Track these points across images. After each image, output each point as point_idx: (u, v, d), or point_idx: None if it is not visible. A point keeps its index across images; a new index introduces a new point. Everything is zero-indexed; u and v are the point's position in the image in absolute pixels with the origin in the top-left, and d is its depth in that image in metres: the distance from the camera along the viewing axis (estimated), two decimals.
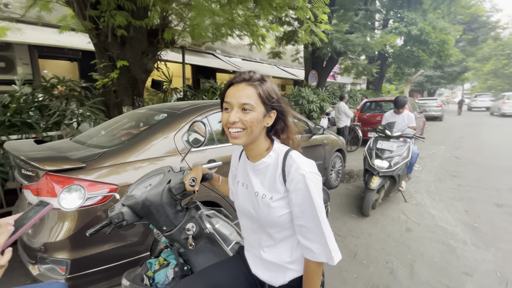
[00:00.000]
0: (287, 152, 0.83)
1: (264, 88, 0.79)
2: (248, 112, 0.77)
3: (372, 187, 3.08)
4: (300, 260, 0.87)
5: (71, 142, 2.23)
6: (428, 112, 14.24)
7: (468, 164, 5.49)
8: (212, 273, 1.01)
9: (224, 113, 0.81)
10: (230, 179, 1.12)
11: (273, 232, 0.86)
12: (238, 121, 0.77)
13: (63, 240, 1.50)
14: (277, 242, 0.88)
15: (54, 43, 5.84)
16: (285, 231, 0.85)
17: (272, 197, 0.82)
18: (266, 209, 0.83)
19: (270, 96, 0.80)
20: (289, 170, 0.79)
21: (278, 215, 0.81)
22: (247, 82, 0.79)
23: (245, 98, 0.77)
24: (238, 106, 0.78)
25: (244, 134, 0.79)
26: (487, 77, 40.11)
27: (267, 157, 0.85)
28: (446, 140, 8.54)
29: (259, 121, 0.79)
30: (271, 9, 4.62)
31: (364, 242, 2.60)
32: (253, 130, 0.79)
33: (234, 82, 0.81)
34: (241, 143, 0.81)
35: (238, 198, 0.95)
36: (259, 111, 0.78)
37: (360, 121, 7.69)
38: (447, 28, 11.05)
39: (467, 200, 3.63)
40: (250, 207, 0.89)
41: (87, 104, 3.69)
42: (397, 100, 3.78)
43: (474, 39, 22.52)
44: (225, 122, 0.80)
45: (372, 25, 11.21)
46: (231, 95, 0.79)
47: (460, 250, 2.44)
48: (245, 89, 0.78)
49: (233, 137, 0.80)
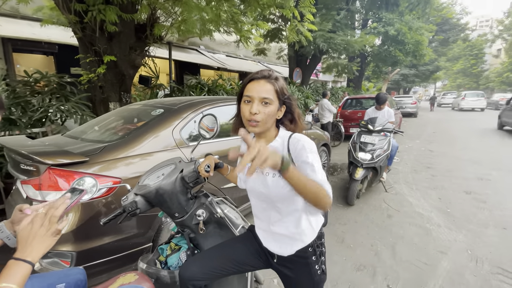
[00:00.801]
0: (291, 135, 0.97)
1: (279, 85, 0.93)
2: (267, 106, 0.90)
3: (357, 177, 3.29)
4: (305, 232, 0.99)
5: (64, 137, 2.21)
6: (404, 109, 14.98)
7: (440, 157, 5.93)
8: (228, 247, 1.13)
9: (244, 105, 0.93)
10: None
11: (282, 206, 0.98)
12: (259, 113, 0.90)
13: (68, 232, 1.53)
14: (284, 216, 0.99)
15: (30, 36, 5.56)
16: (292, 205, 0.97)
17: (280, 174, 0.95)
18: (276, 186, 0.94)
19: (283, 92, 0.94)
20: (293, 147, 0.93)
21: (288, 189, 0.93)
22: (266, 79, 0.92)
23: (265, 93, 0.90)
24: (259, 100, 0.90)
25: (261, 124, 0.92)
26: (456, 76, 42.73)
27: (274, 141, 0.99)
28: (420, 135, 9.10)
29: (274, 114, 0.93)
30: (258, 7, 4.70)
31: (351, 228, 2.80)
32: (268, 121, 0.92)
33: (255, 78, 0.93)
34: (258, 131, 0.94)
35: (249, 181, 1.06)
36: (275, 105, 0.92)
37: (342, 117, 7.98)
38: (422, 27, 11.69)
39: (440, 188, 3.96)
40: (261, 187, 0.99)
41: (73, 100, 3.60)
42: (378, 97, 4.02)
43: (445, 39, 23.91)
44: (246, 112, 0.92)
45: (352, 25, 11.61)
46: (253, 89, 0.91)
47: (435, 232, 2.70)
48: (265, 85, 0.91)
49: (252, 126, 0.92)
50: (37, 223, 0.67)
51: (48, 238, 0.67)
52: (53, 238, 0.69)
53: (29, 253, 0.65)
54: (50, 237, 0.68)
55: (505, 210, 3.17)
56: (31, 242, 0.65)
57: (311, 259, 1.02)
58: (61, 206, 0.71)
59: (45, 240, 0.67)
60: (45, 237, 0.67)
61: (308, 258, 1.01)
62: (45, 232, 0.67)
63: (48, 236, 0.67)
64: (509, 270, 2.11)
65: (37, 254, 0.66)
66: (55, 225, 0.68)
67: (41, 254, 0.67)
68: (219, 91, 5.74)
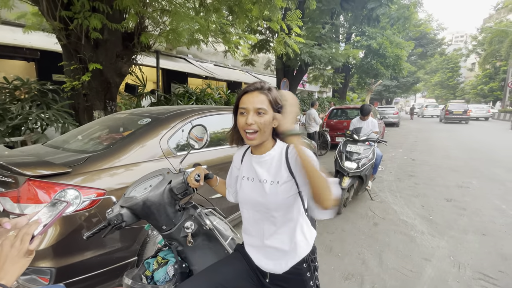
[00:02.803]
0: (289, 145, 0.99)
1: (273, 95, 0.95)
2: (262, 116, 0.92)
3: (343, 186, 3.35)
4: (300, 244, 0.99)
5: (44, 147, 2.13)
6: (387, 119, 15.50)
7: (422, 165, 6.15)
8: (215, 272, 1.07)
9: (240, 117, 0.95)
10: (230, 180, 1.21)
11: (278, 215, 0.97)
12: (254, 123, 0.92)
13: (48, 247, 1.45)
14: (279, 227, 0.98)
15: (11, 42, 5.38)
16: (288, 214, 0.98)
17: (278, 181, 0.95)
18: (274, 193, 0.95)
19: (276, 102, 0.96)
20: (291, 155, 0.95)
21: (285, 197, 0.94)
22: (259, 90, 0.95)
23: (259, 103, 0.92)
24: (253, 111, 0.92)
25: (259, 135, 0.94)
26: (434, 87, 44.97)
27: (272, 150, 1.00)
28: (403, 144, 9.42)
29: (270, 123, 0.95)
30: (246, 19, 4.80)
31: (338, 237, 2.82)
32: (265, 131, 0.94)
33: (248, 91, 0.95)
34: (256, 143, 0.96)
35: (243, 191, 1.05)
36: (270, 115, 0.94)
37: (328, 127, 8.14)
38: (402, 43, 12.30)
39: (422, 196, 4.09)
40: (258, 196, 0.99)
41: (55, 107, 3.48)
42: (363, 108, 4.16)
43: (424, 53, 25.20)
44: (242, 124, 0.94)
45: (337, 38, 12.04)
46: (247, 101, 0.94)
47: (419, 240, 2.77)
48: (258, 96, 0.93)
49: (250, 139, 0.94)
50: (7, 244, 0.64)
51: (21, 259, 0.64)
52: (26, 259, 0.65)
53: (3, 276, 0.61)
54: (22, 258, 0.64)
55: (484, 217, 3.31)
56: (2, 264, 0.62)
57: (306, 276, 1.00)
58: (33, 225, 0.68)
59: (17, 261, 0.63)
60: (17, 258, 0.63)
61: (303, 274, 1.00)
62: (17, 253, 0.64)
63: (20, 257, 0.64)
64: (490, 275, 2.18)
65: (11, 277, 0.62)
66: (26, 245, 0.65)
67: (16, 276, 0.64)
68: (208, 100, 5.74)
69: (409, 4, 11.68)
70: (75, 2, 3.06)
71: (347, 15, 10.57)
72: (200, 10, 4.51)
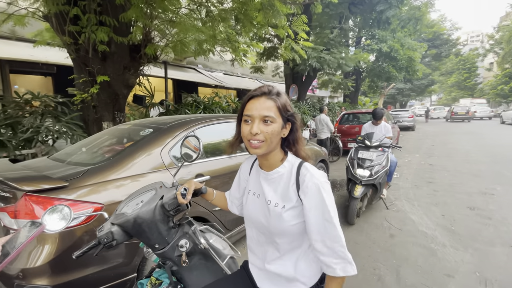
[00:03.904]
0: (301, 163, 0.87)
1: (282, 101, 0.84)
2: (269, 124, 0.81)
3: (356, 195, 3.18)
4: (305, 274, 0.88)
5: (49, 160, 2.12)
6: (401, 123, 15.06)
7: (441, 171, 5.83)
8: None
9: (244, 125, 0.84)
10: (236, 191, 1.13)
11: (282, 242, 0.87)
12: (260, 133, 0.81)
13: (44, 265, 1.40)
14: (283, 254, 0.88)
15: (27, 57, 5.61)
16: (293, 242, 0.86)
17: (284, 206, 0.84)
18: (278, 218, 0.84)
19: (286, 109, 0.85)
20: (303, 179, 0.82)
21: (290, 224, 0.83)
22: (267, 95, 0.83)
23: (266, 110, 0.81)
24: (259, 119, 0.82)
25: (264, 145, 0.83)
26: (451, 89, 43.48)
27: (281, 167, 0.89)
28: (419, 149, 9.04)
29: (278, 133, 0.84)
30: (252, 27, 4.79)
31: (351, 251, 2.61)
32: (272, 141, 0.83)
33: (254, 96, 0.84)
34: (261, 152, 0.84)
35: (248, 207, 0.96)
36: (278, 123, 0.83)
37: (340, 132, 7.96)
38: (414, 45, 11.99)
39: (442, 204, 3.83)
40: (261, 216, 0.90)
41: (64, 120, 3.55)
42: (375, 112, 3.99)
43: (438, 54, 24.52)
44: (246, 133, 0.83)
45: (346, 42, 11.90)
46: (252, 108, 0.83)
47: (440, 253, 2.56)
48: (265, 102, 0.82)
49: (254, 147, 0.83)
50: None
51: None
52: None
53: None
54: None
55: (511, 226, 3.04)
56: None
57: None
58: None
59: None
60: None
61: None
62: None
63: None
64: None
65: None
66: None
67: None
68: (215, 109, 5.73)
69: (420, 5, 11.40)
70: (81, 16, 3.13)
71: (356, 19, 10.44)
72: (206, 20, 4.54)
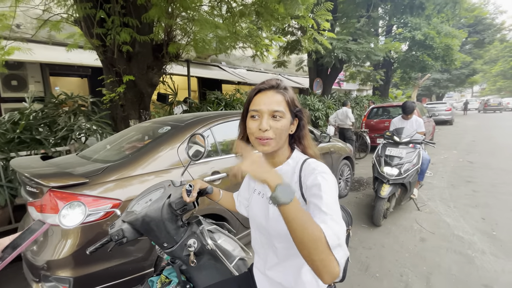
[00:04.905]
0: (305, 160, 0.80)
1: (290, 95, 0.79)
2: (279, 120, 0.76)
3: (383, 195, 2.98)
4: (306, 286, 0.80)
5: (77, 158, 2.24)
6: (437, 116, 13.99)
7: (483, 169, 5.30)
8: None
9: (252, 122, 0.79)
10: (244, 191, 1.09)
11: (280, 247, 0.81)
12: (269, 129, 0.76)
13: (66, 257, 1.48)
14: (282, 260, 0.83)
15: (65, 61, 6.03)
16: (292, 248, 0.80)
17: None
18: (276, 219, 0.78)
19: (294, 104, 0.80)
20: (305, 173, 0.76)
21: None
22: (275, 89, 0.78)
23: (276, 104, 0.76)
24: (269, 113, 0.76)
25: (274, 142, 0.77)
26: (495, 79, 39.40)
27: (285, 164, 0.84)
28: (458, 145, 8.32)
29: (287, 129, 0.79)
30: (273, 20, 4.68)
31: (376, 254, 2.49)
32: (281, 138, 0.78)
33: (262, 89, 0.79)
34: (270, 150, 0.79)
35: (252, 207, 0.92)
36: (287, 118, 0.78)
37: (368, 127, 7.57)
38: (452, 32, 10.98)
39: (483, 206, 3.47)
40: (262, 216, 0.85)
41: (94, 118, 3.75)
42: (405, 105, 3.71)
43: (481, 41, 22.24)
44: (254, 130, 0.78)
45: (375, 32, 11.23)
46: (261, 102, 0.77)
47: (478, 261, 2.31)
48: (274, 96, 0.77)
49: (263, 144, 0.77)
50: None
51: None
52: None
53: None
54: None
55: None
56: None
57: None
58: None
59: None
60: None
61: None
62: None
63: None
64: None
65: None
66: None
67: None
68: (236, 105, 5.73)
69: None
70: (107, 19, 3.26)
71: (386, 6, 9.79)
72: (227, 17, 4.52)
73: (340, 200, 3.91)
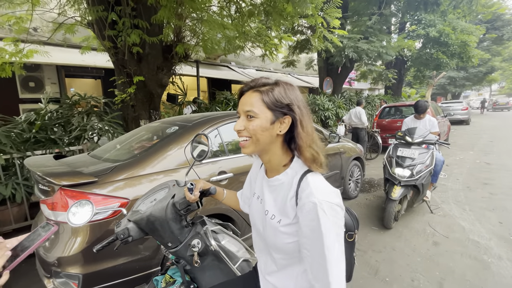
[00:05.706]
0: (305, 173, 0.74)
1: (273, 93, 0.74)
2: (251, 120, 0.75)
3: (394, 197, 2.91)
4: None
5: (87, 157, 2.30)
6: (453, 116, 13.53)
7: (501, 171, 5.08)
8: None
9: None
10: (247, 190, 1.07)
11: (278, 257, 0.80)
12: (243, 129, 0.76)
13: (75, 254, 1.51)
14: (280, 269, 0.81)
15: (79, 63, 6.21)
16: (291, 259, 0.78)
17: (280, 220, 0.75)
18: (273, 231, 0.76)
19: (278, 101, 0.74)
20: (301, 195, 0.71)
21: (285, 242, 0.74)
22: (252, 89, 0.77)
23: (248, 105, 0.75)
24: (243, 114, 0.77)
25: (251, 143, 0.76)
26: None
27: (283, 174, 0.79)
28: (474, 145, 8.02)
29: (266, 129, 0.74)
30: (282, 20, 4.65)
31: (387, 257, 2.43)
32: (258, 139, 0.75)
33: (242, 91, 0.80)
34: (249, 152, 0.78)
35: (252, 210, 0.91)
36: (263, 118, 0.73)
37: (379, 127, 7.41)
38: (469, 28, 10.58)
39: (501, 210, 3.33)
40: (260, 223, 0.84)
41: (106, 118, 3.84)
42: (417, 105, 3.61)
43: (499, 37, 21.33)
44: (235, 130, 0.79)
45: (388, 29, 10.98)
46: (240, 103, 0.79)
47: (495, 267, 2.21)
48: (250, 96, 0.76)
49: (242, 146, 0.78)
50: None
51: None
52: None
53: None
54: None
55: None
56: None
57: None
58: (1, 259, 0.63)
59: None
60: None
61: None
62: None
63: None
64: None
65: None
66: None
67: None
68: None
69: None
70: (118, 21, 3.33)
71: (399, 3, 9.55)
72: (236, 17, 4.53)
73: (350, 202, 3.85)
